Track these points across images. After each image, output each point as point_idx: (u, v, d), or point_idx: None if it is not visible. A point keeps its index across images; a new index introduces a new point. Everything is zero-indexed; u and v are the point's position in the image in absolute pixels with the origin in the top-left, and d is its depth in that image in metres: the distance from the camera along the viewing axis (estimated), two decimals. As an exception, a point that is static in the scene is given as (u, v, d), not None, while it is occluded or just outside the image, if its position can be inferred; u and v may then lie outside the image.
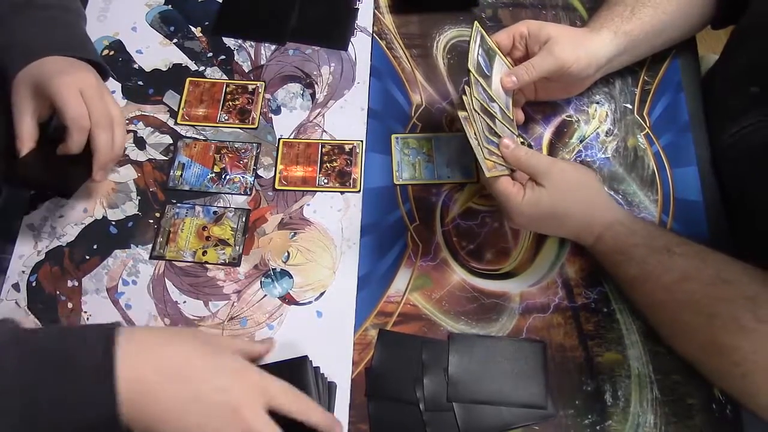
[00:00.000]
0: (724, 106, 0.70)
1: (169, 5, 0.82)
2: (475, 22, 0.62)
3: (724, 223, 0.68)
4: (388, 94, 0.76)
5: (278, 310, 0.63)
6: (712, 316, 0.52)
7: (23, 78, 0.60)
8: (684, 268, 0.54)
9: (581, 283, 0.65)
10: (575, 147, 0.72)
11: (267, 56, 0.78)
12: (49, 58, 0.61)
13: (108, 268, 0.65)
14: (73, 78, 0.60)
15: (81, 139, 0.59)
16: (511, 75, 0.63)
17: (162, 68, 0.77)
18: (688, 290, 0.54)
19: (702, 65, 0.79)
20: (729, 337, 0.51)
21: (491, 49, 0.64)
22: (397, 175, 0.70)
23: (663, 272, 0.55)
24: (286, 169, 0.71)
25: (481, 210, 0.69)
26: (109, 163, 0.62)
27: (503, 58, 0.66)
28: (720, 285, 0.52)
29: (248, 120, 0.74)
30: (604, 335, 0.62)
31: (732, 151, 0.67)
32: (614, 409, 0.59)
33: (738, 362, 0.50)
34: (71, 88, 0.59)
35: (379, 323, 0.63)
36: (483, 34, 0.63)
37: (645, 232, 0.58)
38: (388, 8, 0.82)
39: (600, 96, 0.75)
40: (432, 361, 0.60)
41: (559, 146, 0.72)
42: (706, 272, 0.53)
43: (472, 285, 0.65)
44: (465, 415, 0.58)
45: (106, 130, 0.60)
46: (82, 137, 0.59)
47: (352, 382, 0.60)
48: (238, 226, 0.67)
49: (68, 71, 0.60)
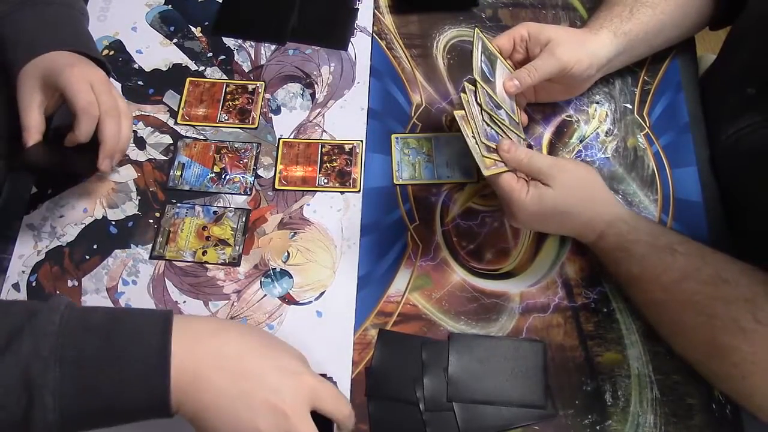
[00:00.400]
0: (722, 107, 0.70)
1: (169, 5, 0.82)
2: (476, 29, 0.62)
3: (723, 223, 0.68)
4: (388, 94, 0.76)
5: (278, 310, 0.63)
6: (712, 316, 0.52)
7: (31, 71, 0.60)
8: (684, 267, 0.54)
9: (581, 283, 0.65)
10: (575, 147, 0.72)
11: (267, 56, 0.78)
12: (56, 53, 0.61)
13: (108, 268, 0.65)
14: (83, 70, 0.61)
15: (89, 128, 0.60)
16: (513, 79, 0.63)
17: (162, 68, 0.77)
18: (687, 290, 0.53)
19: (701, 65, 0.79)
20: (728, 338, 0.50)
21: (492, 54, 0.64)
22: (397, 175, 0.70)
23: (663, 271, 0.55)
24: (286, 169, 0.71)
25: (481, 210, 0.69)
26: (115, 153, 0.62)
27: (504, 61, 0.66)
28: (720, 285, 0.52)
29: (248, 120, 0.74)
30: (604, 335, 0.62)
31: (730, 152, 0.67)
32: (614, 409, 0.59)
33: (737, 363, 0.50)
34: (81, 79, 0.60)
35: (379, 323, 0.63)
36: (484, 41, 0.63)
37: (647, 230, 0.57)
38: (388, 8, 0.82)
39: (600, 96, 0.75)
40: (432, 361, 0.60)
41: (559, 146, 0.72)
42: (706, 271, 0.53)
43: (472, 285, 0.65)
44: (465, 415, 0.58)
45: (113, 120, 0.61)
46: (90, 125, 0.60)
47: (352, 382, 0.60)
48: (238, 226, 0.67)
49: (77, 64, 0.61)
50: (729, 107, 0.68)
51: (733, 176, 0.68)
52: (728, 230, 0.67)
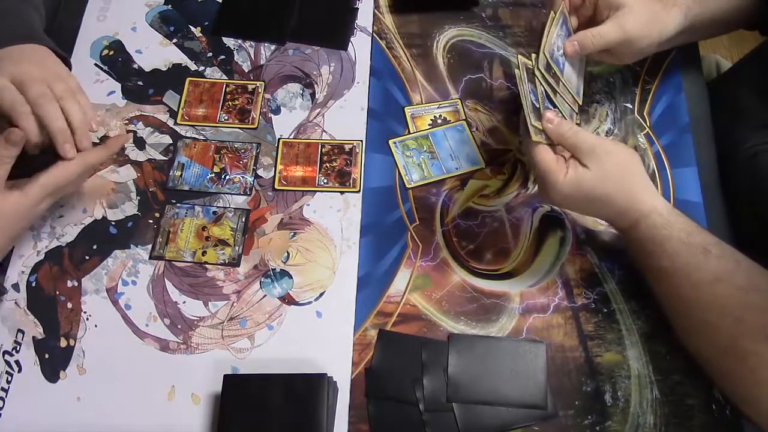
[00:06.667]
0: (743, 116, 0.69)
1: (169, 5, 0.82)
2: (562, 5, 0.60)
3: (723, 224, 0.68)
4: (388, 94, 0.75)
5: (278, 311, 0.63)
6: (739, 320, 0.51)
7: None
8: (717, 270, 0.54)
9: (581, 283, 0.65)
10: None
11: (267, 56, 0.78)
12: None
13: (108, 268, 0.65)
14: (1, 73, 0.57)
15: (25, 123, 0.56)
16: (574, 41, 0.60)
17: (162, 68, 0.77)
18: (718, 292, 0.53)
19: (704, 66, 0.79)
20: (751, 343, 0.50)
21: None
22: (408, 179, 0.70)
23: (695, 270, 0.54)
24: (286, 169, 0.71)
25: (481, 210, 0.69)
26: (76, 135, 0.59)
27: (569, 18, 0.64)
28: (751, 292, 0.52)
29: (248, 120, 0.73)
30: (604, 335, 0.62)
31: (746, 163, 0.67)
32: (614, 410, 0.59)
33: (754, 369, 0.50)
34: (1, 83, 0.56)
35: (379, 323, 0.63)
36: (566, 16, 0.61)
37: (682, 226, 0.56)
38: (388, 8, 0.82)
39: (600, 96, 0.75)
40: (432, 362, 0.60)
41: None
42: (739, 277, 0.53)
43: (472, 285, 0.65)
44: (465, 416, 0.58)
45: (47, 106, 0.57)
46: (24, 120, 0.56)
47: (352, 382, 0.60)
48: (237, 227, 0.67)
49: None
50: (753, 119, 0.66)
51: (743, 185, 0.68)
52: (728, 230, 0.67)
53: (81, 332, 0.62)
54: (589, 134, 0.58)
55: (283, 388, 0.56)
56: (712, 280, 0.53)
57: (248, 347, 0.62)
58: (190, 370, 0.60)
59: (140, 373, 0.60)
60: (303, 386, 0.56)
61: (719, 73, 0.93)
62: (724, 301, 0.53)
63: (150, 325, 0.62)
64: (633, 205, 0.57)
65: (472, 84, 0.76)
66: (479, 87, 0.76)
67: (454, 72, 0.77)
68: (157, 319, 0.63)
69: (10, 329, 0.62)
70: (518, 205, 0.69)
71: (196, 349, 0.61)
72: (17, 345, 0.61)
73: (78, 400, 0.59)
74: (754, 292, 0.52)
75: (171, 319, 0.63)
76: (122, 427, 0.58)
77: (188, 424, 0.58)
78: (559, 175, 0.57)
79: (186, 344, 0.62)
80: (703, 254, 0.54)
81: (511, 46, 0.79)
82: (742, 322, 0.51)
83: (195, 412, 0.59)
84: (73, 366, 0.61)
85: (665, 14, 0.63)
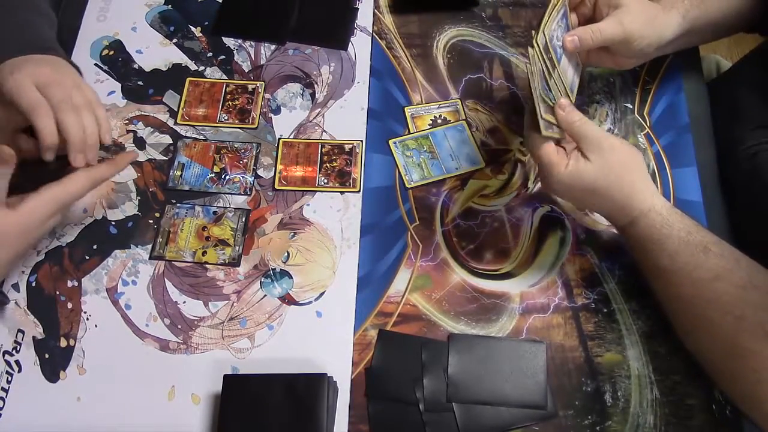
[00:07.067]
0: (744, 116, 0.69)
1: (169, 5, 0.82)
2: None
3: (723, 224, 0.68)
4: (388, 93, 0.75)
5: (278, 311, 0.63)
6: (740, 318, 0.51)
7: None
8: (717, 268, 0.54)
9: (581, 283, 0.65)
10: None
11: (267, 56, 0.78)
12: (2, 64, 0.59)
13: (108, 268, 0.65)
14: (26, 71, 0.58)
15: (43, 126, 0.57)
16: (574, 35, 0.60)
17: (162, 68, 0.77)
18: (718, 289, 0.53)
19: (704, 66, 0.79)
20: (752, 341, 0.50)
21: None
22: (408, 179, 0.70)
23: (695, 268, 0.54)
24: (286, 169, 0.71)
25: (481, 210, 0.69)
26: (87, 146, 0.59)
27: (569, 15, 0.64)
28: (750, 290, 0.52)
29: (248, 120, 0.73)
30: (604, 335, 0.62)
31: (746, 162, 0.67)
32: (614, 410, 0.59)
33: (756, 368, 0.50)
34: (22, 81, 0.57)
35: (379, 323, 0.63)
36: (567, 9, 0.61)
37: (681, 225, 0.56)
38: (388, 8, 0.82)
39: (600, 96, 0.75)
40: (432, 362, 0.60)
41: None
42: (739, 275, 0.53)
43: (472, 285, 0.65)
44: (465, 416, 0.58)
45: (68, 113, 0.58)
46: (43, 123, 0.57)
47: (352, 382, 0.60)
48: (237, 226, 0.67)
49: (21, 67, 0.59)
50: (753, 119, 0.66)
51: (743, 185, 0.68)
52: (728, 229, 0.67)
53: (81, 332, 0.62)
54: (597, 128, 0.59)
55: (283, 388, 0.56)
56: (712, 278, 0.54)
57: (248, 347, 0.62)
58: (190, 370, 0.60)
59: (140, 373, 0.60)
60: (303, 386, 0.56)
61: (719, 73, 0.93)
62: (724, 299, 0.53)
63: (150, 325, 0.62)
64: (632, 202, 0.58)
65: (472, 84, 0.76)
66: (479, 87, 0.76)
67: (454, 72, 0.77)
68: (157, 319, 0.63)
69: (10, 329, 0.62)
70: (518, 205, 0.69)
71: (196, 349, 0.61)
72: (17, 345, 0.61)
73: (78, 400, 0.59)
74: (753, 290, 0.52)
75: (171, 319, 0.63)
76: (122, 427, 0.58)
77: (188, 424, 0.58)
78: (560, 166, 0.57)
79: (186, 344, 0.62)
80: (703, 253, 0.54)
81: (511, 46, 0.79)
82: (743, 320, 0.51)
83: (195, 412, 0.59)
84: (73, 366, 0.61)
85: (664, 15, 0.64)
